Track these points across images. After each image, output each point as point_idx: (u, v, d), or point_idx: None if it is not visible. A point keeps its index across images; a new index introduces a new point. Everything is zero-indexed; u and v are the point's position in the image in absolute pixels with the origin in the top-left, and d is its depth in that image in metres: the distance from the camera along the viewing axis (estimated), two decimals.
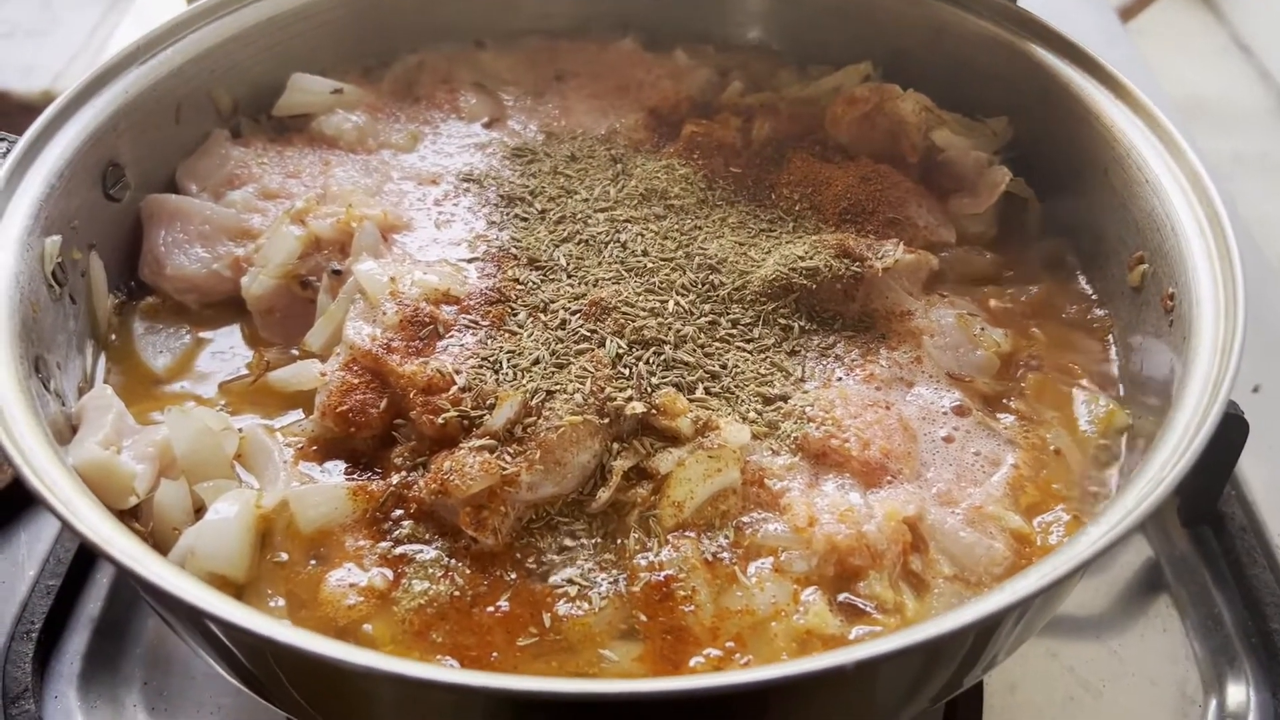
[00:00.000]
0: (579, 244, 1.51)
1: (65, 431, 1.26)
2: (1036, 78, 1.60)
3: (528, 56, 1.88)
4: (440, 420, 1.26)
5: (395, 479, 1.26)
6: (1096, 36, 1.60)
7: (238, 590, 1.18)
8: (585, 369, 1.29)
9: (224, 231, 1.53)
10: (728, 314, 1.42)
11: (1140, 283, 1.43)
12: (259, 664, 1.09)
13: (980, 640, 1.07)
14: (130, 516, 1.21)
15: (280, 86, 1.69)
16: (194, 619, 1.08)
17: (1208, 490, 1.55)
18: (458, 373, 1.30)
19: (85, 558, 1.49)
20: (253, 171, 1.60)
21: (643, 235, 1.51)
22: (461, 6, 1.86)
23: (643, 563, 1.18)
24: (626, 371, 1.31)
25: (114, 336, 1.47)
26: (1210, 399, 1.11)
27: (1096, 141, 1.51)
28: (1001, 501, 1.26)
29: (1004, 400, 1.41)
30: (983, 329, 1.45)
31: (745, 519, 1.23)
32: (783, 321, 1.42)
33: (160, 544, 1.21)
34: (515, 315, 1.39)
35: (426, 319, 1.36)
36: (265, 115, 1.71)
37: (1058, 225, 1.62)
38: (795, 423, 1.30)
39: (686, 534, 1.20)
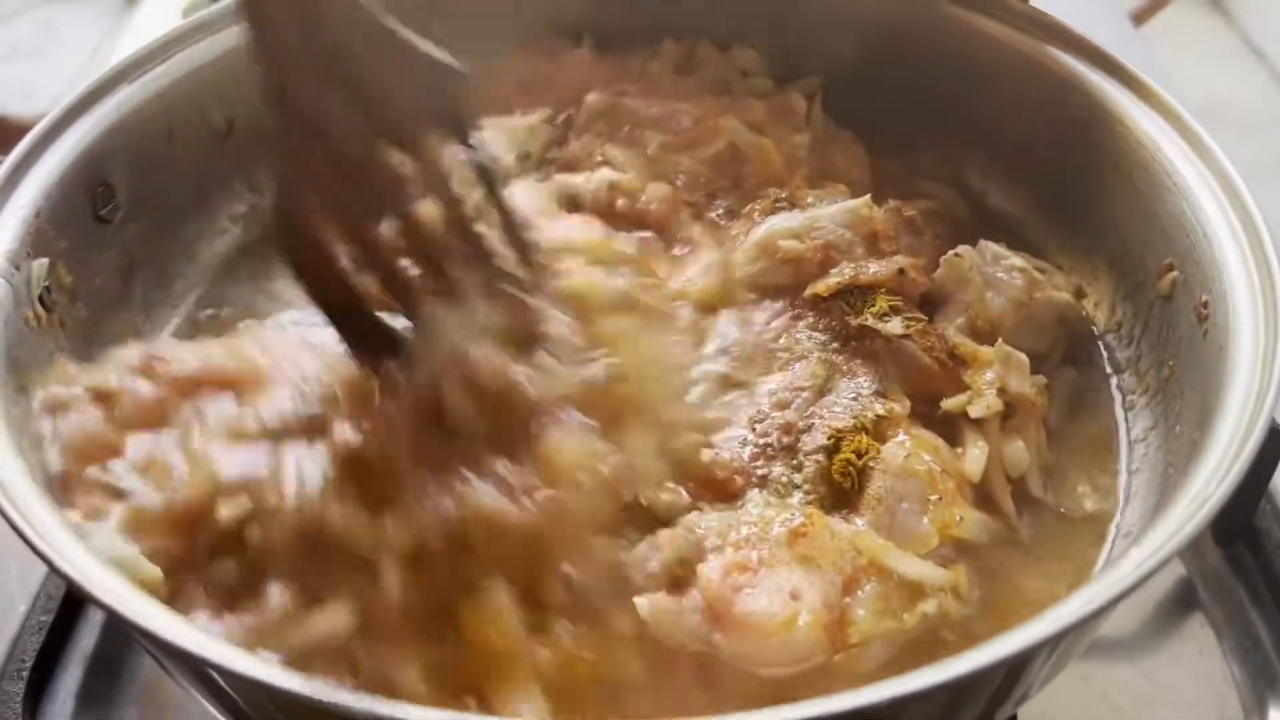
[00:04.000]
0: None
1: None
2: (1052, 81, 1.55)
3: None
4: None
5: None
6: (1109, 41, 1.56)
7: None
8: None
9: None
10: None
11: (1170, 291, 1.37)
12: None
13: (1013, 675, 1.02)
14: None
15: None
16: (192, 666, 1.03)
17: (1243, 506, 1.48)
18: None
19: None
20: None
21: None
22: (466, 17, 1.74)
23: None
24: None
25: None
26: (1255, 411, 1.05)
27: (1120, 145, 1.46)
28: None
29: None
30: None
31: None
32: None
33: None
34: None
35: None
36: None
37: (1080, 233, 1.57)
38: None
39: None
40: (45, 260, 1.31)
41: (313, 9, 1.02)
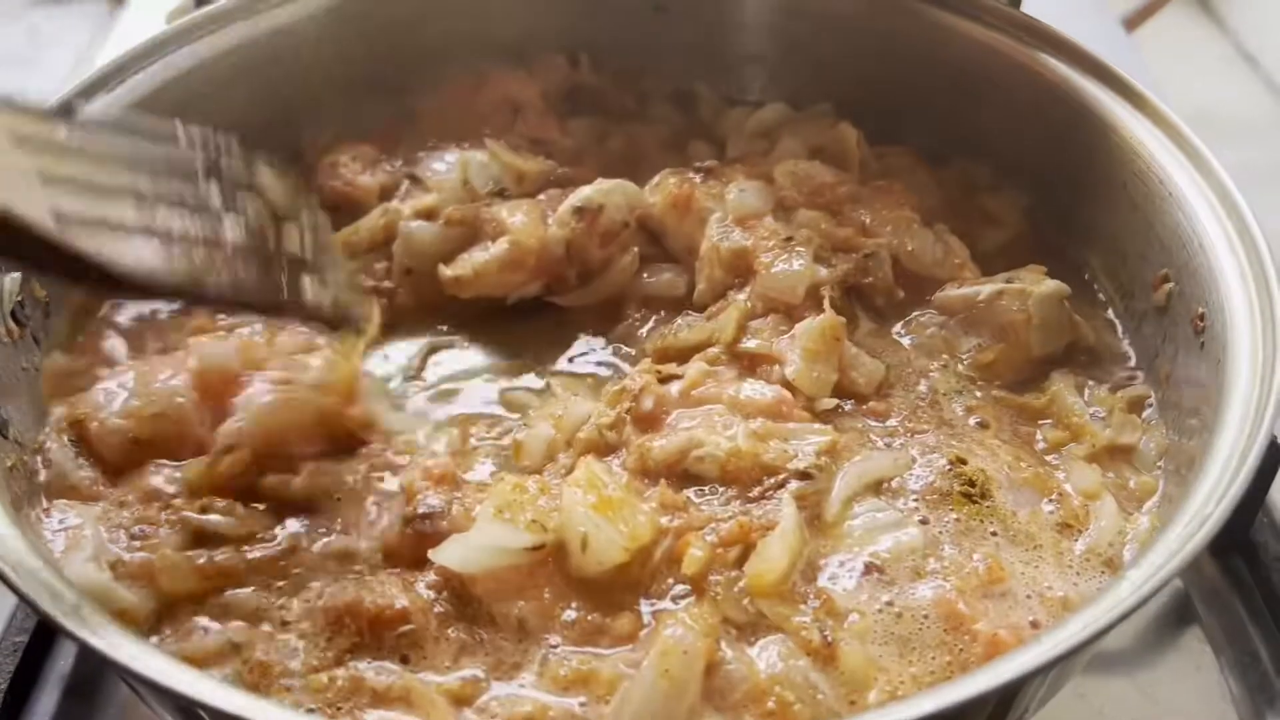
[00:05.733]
0: None
1: (22, 480, 1.20)
2: (1046, 88, 1.53)
3: None
4: None
5: None
6: (1101, 48, 1.54)
7: None
8: None
9: None
10: None
11: (1166, 302, 1.36)
12: None
13: (1006, 700, 0.99)
14: None
15: (257, 111, 1.61)
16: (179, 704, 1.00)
17: (1240, 519, 1.47)
18: None
19: None
20: None
21: None
22: (463, 23, 1.74)
23: None
24: None
25: None
26: (1255, 425, 1.04)
27: (1114, 155, 1.44)
28: None
29: None
30: None
31: None
32: None
33: None
34: None
35: None
36: None
37: (1075, 244, 1.55)
38: None
39: None
40: (17, 275, 1.28)
41: None
